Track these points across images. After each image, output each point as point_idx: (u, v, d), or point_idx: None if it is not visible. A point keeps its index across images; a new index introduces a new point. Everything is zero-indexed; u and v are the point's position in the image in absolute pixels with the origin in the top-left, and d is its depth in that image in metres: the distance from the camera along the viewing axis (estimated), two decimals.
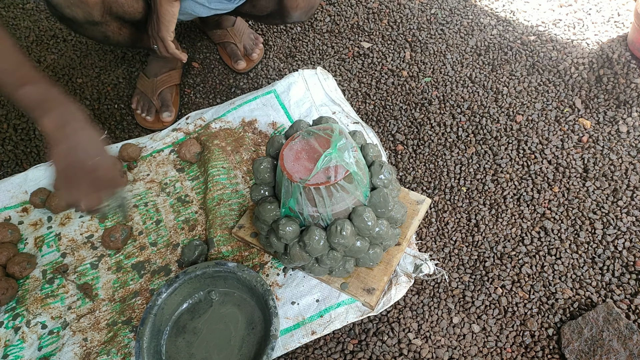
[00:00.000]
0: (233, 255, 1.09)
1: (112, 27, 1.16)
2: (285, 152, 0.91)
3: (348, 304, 1.00)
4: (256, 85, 1.46)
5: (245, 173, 1.22)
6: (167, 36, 1.12)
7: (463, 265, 1.06)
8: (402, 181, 1.20)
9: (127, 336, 1.00)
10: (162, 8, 1.07)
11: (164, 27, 1.10)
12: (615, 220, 1.08)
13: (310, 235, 0.89)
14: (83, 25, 1.11)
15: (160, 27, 1.11)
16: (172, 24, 1.11)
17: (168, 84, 1.39)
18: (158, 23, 1.10)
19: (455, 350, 0.96)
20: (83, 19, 1.06)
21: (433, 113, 1.31)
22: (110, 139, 1.39)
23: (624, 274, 1.01)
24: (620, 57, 1.33)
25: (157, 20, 1.10)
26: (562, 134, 1.23)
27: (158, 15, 1.09)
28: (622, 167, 1.15)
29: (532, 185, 1.15)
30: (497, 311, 1.00)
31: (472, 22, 1.51)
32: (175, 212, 1.18)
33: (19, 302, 1.07)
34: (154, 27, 1.13)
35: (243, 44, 1.48)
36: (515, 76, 1.36)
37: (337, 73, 1.45)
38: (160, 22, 1.10)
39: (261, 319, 0.99)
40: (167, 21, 1.09)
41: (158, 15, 1.09)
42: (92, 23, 1.09)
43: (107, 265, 1.12)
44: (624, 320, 0.92)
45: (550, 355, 0.94)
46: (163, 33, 1.11)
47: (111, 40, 1.20)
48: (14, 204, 1.23)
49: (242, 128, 1.30)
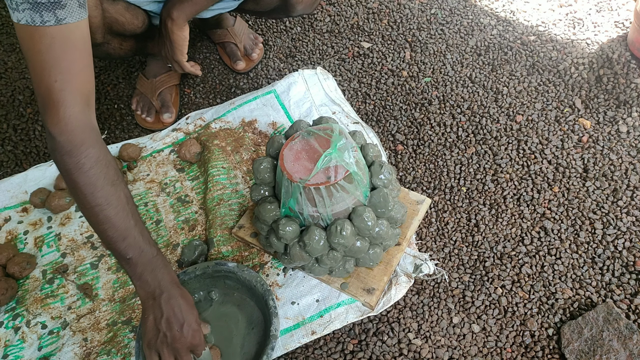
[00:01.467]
0: (233, 255, 1.09)
1: (113, 45, 1.18)
2: (285, 152, 0.91)
3: (348, 304, 1.00)
4: (256, 85, 1.46)
5: (245, 173, 1.22)
6: (182, 59, 1.16)
7: (463, 265, 1.06)
8: (402, 181, 1.20)
9: (127, 336, 1.00)
10: (175, 35, 1.11)
11: (178, 51, 1.14)
12: (615, 220, 1.08)
13: (310, 235, 0.89)
14: None
15: (176, 52, 1.15)
16: (185, 46, 1.15)
17: (167, 84, 1.39)
18: (172, 48, 1.14)
19: (455, 350, 0.96)
20: None
21: (433, 113, 1.31)
22: (110, 139, 1.39)
23: (624, 274, 1.01)
24: (620, 57, 1.33)
25: (170, 45, 1.14)
26: (562, 134, 1.23)
27: (171, 41, 1.13)
28: (622, 167, 1.15)
29: (532, 185, 1.15)
30: (497, 311, 1.00)
31: (472, 22, 1.51)
32: (175, 212, 1.18)
33: (19, 302, 1.07)
34: (169, 52, 1.16)
35: (243, 44, 1.48)
36: (515, 76, 1.36)
37: (337, 73, 1.45)
38: (174, 48, 1.14)
39: (261, 319, 0.99)
40: (180, 45, 1.14)
41: (171, 42, 1.13)
42: (94, 45, 1.10)
43: (107, 265, 1.11)
44: (624, 320, 0.92)
45: (550, 355, 0.94)
46: (178, 57, 1.16)
47: (113, 56, 1.22)
48: (14, 204, 1.23)
49: (242, 128, 1.30)
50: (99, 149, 0.80)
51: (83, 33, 0.81)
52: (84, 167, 0.78)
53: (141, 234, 0.82)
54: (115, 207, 0.80)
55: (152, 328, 0.83)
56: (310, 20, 1.60)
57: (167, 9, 1.10)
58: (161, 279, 0.83)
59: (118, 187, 0.81)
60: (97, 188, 0.78)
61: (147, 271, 0.82)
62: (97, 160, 0.79)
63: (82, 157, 0.77)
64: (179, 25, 1.10)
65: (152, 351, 0.83)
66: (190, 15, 1.11)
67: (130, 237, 0.81)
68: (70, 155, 0.77)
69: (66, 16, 0.76)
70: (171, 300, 0.83)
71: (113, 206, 0.80)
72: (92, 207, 0.79)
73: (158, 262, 0.84)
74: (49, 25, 0.76)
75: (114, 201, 0.80)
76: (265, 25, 1.61)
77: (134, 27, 1.16)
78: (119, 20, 1.11)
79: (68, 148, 0.77)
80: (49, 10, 0.75)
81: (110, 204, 0.79)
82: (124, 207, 0.81)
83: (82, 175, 0.78)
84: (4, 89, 1.54)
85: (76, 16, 0.78)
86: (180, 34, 1.12)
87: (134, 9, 1.14)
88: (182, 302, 0.84)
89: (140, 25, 1.17)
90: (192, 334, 0.83)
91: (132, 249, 0.81)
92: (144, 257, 0.82)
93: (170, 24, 1.10)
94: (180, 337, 0.82)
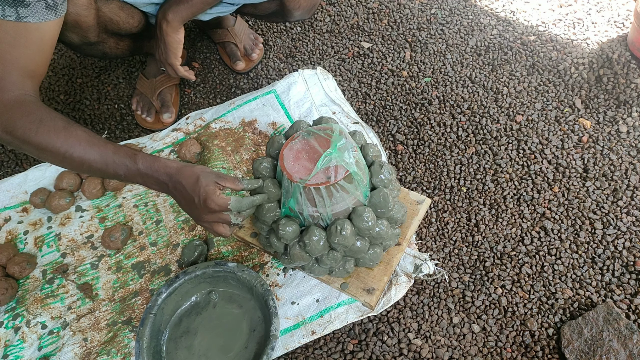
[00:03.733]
0: (233, 256, 1.09)
1: (109, 44, 1.17)
2: (285, 152, 0.91)
3: (348, 304, 1.00)
4: (256, 85, 1.46)
5: (245, 173, 1.22)
6: (176, 62, 1.16)
7: (463, 265, 1.06)
8: (402, 181, 1.20)
9: (127, 336, 1.00)
10: (169, 37, 1.11)
11: (172, 54, 1.14)
12: (615, 220, 1.08)
13: (310, 235, 0.89)
14: (80, 47, 1.12)
15: (169, 55, 1.14)
16: (180, 49, 1.14)
17: (167, 84, 1.39)
18: (166, 51, 1.14)
19: (455, 350, 0.96)
20: (79, 41, 1.08)
21: (433, 113, 1.31)
22: (110, 139, 1.39)
23: (624, 274, 1.01)
24: (620, 57, 1.33)
25: (164, 48, 1.14)
26: (562, 134, 1.23)
27: (165, 43, 1.12)
28: (622, 167, 1.15)
29: (532, 185, 1.15)
30: (497, 311, 1.00)
31: (472, 22, 1.51)
32: (175, 212, 1.18)
33: (19, 302, 1.07)
34: (162, 54, 1.16)
35: (243, 44, 1.48)
36: (515, 76, 1.36)
37: (337, 73, 1.45)
38: (168, 50, 1.13)
39: (261, 319, 0.99)
40: (174, 48, 1.13)
41: (165, 44, 1.12)
42: (89, 44, 1.11)
43: (107, 265, 1.12)
44: (624, 320, 0.92)
45: (550, 355, 0.94)
46: (172, 60, 1.15)
47: (110, 56, 1.22)
48: (14, 204, 1.23)
49: (242, 128, 1.30)
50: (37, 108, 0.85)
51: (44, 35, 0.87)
52: (32, 130, 0.83)
53: (116, 153, 0.86)
54: (79, 145, 0.84)
55: (187, 206, 0.87)
56: (310, 21, 1.60)
57: (163, 10, 1.10)
58: (157, 176, 0.86)
59: (70, 128, 0.85)
60: (54, 139, 0.83)
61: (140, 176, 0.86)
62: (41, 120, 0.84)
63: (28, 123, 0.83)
64: (174, 27, 1.10)
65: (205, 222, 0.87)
66: (187, 18, 1.10)
67: (109, 161, 0.85)
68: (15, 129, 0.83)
69: (27, 15, 0.82)
70: (177, 185, 0.85)
71: (77, 146, 0.84)
72: (63, 158, 0.85)
73: (144, 166, 0.86)
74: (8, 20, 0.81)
75: (74, 142, 0.84)
76: (265, 26, 1.61)
77: (130, 26, 1.15)
78: (114, 20, 1.11)
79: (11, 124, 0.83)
80: (12, 6, 0.80)
81: (73, 145, 0.84)
82: (87, 141, 0.85)
83: (35, 138, 0.83)
84: None
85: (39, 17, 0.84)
86: (174, 37, 1.11)
87: (129, 8, 1.13)
88: (183, 180, 0.85)
89: (136, 24, 1.16)
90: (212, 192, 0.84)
91: (119, 167, 0.86)
92: (131, 169, 0.86)
93: (165, 25, 1.09)
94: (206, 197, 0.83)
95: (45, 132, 0.83)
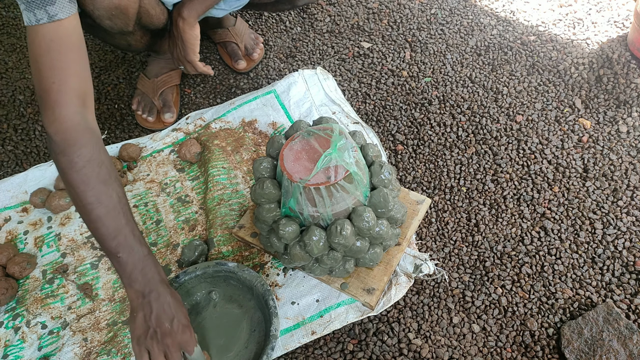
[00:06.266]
0: (233, 255, 1.09)
1: (136, 36, 1.19)
2: (285, 152, 0.91)
3: (348, 304, 1.00)
4: (256, 85, 1.46)
5: (245, 173, 1.22)
6: (195, 58, 1.17)
7: (463, 265, 1.06)
8: (402, 181, 1.20)
9: (127, 336, 1.00)
10: (186, 34, 1.12)
11: (191, 51, 1.15)
12: (615, 220, 1.08)
13: (310, 235, 0.89)
14: (115, 35, 1.13)
15: (188, 52, 1.15)
16: (197, 45, 1.15)
17: (169, 84, 1.39)
18: (185, 48, 1.14)
19: (455, 350, 0.96)
20: (118, 29, 1.08)
21: (433, 113, 1.31)
22: (111, 139, 1.39)
23: (624, 274, 1.01)
24: (620, 57, 1.33)
25: (182, 45, 1.14)
26: (562, 134, 1.23)
27: (183, 41, 1.13)
28: (622, 167, 1.15)
29: (532, 185, 1.15)
30: (497, 311, 1.00)
31: (472, 22, 1.51)
32: (175, 212, 1.18)
33: (19, 302, 1.07)
34: (181, 52, 1.16)
35: (244, 43, 1.48)
36: (515, 76, 1.36)
37: (337, 73, 1.45)
38: (187, 47, 1.14)
39: (261, 319, 0.99)
40: (192, 45, 1.14)
41: (183, 41, 1.13)
42: (123, 33, 1.12)
43: (107, 265, 1.12)
44: (624, 320, 0.92)
45: (550, 355, 0.94)
46: (191, 57, 1.16)
47: (132, 48, 1.23)
48: (14, 204, 1.23)
49: (242, 128, 1.30)
50: (92, 148, 0.82)
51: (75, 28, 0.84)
52: (77, 165, 0.80)
53: (132, 233, 0.83)
54: (107, 206, 0.81)
55: (142, 324, 0.82)
56: (310, 20, 1.60)
57: (178, 8, 1.11)
58: (151, 277, 0.83)
59: (110, 186, 0.82)
60: (89, 187, 0.81)
61: (137, 270, 0.83)
62: (90, 160, 0.81)
63: (75, 156, 0.80)
64: (190, 23, 1.11)
65: (142, 348, 0.82)
66: (201, 13, 1.11)
67: (120, 235, 0.82)
68: (64, 154, 0.80)
69: (57, 12, 0.80)
70: (160, 297, 0.83)
71: (104, 205, 0.81)
72: (84, 205, 0.81)
73: (148, 262, 0.84)
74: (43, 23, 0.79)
75: (105, 200, 0.81)
76: (265, 26, 1.61)
77: (160, 22, 1.17)
78: (150, 13, 1.12)
79: (62, 147, 0.80)
80: (40, 7, 0.79)
81: (102, 202, 0.81)
82: (115, 206, 0.82)
83: (75, 174, 0.80)
84: (5, 89, 1.54)
85: (67, 11, 0.82)
86: (191, 33, 1.12)
87: (161, 5, 1.15)
88: (171, 299, 0.84)
89: (164, 21, 1.18)
90: (182, 328, 0.83)
91: (123, 247, 0.82)
92: (134, 256, 0.83)
93: (181, 23, 1.11)
94: (170, 332, 0.82)
95: (85, 176, 0.80)
